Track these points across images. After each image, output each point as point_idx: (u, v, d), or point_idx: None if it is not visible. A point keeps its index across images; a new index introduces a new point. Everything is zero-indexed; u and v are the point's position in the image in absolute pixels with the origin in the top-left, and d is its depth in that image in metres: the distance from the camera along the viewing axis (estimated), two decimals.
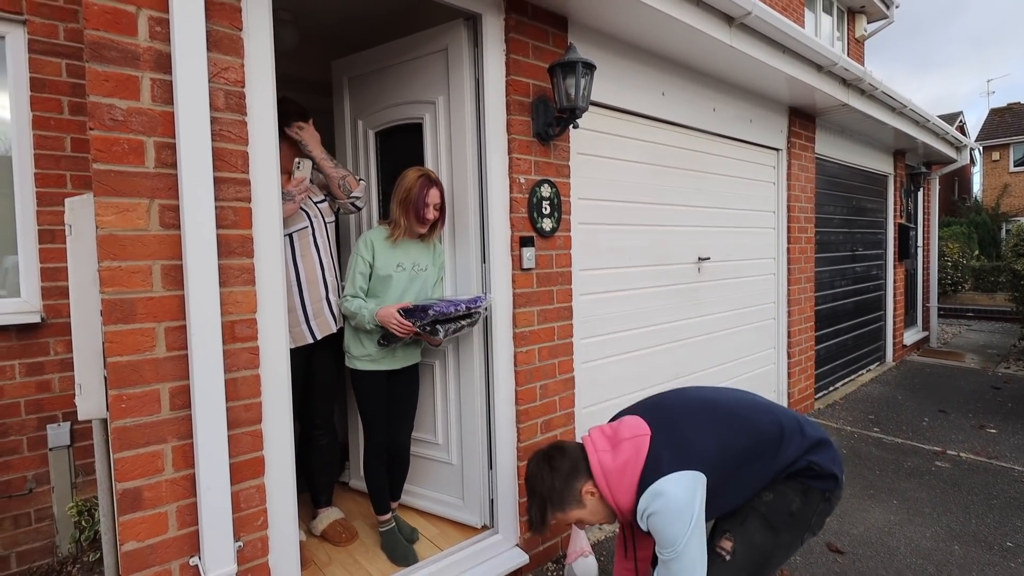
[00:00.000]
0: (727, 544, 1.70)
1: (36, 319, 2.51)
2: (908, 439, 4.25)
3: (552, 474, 1.70)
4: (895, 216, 6.80)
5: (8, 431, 2.51)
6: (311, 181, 2.38)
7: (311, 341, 2.39)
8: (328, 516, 2.62)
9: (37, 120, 2.52)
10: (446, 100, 2.54)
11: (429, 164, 2.62)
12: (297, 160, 2.34)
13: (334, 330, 2.47)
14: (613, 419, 1.86)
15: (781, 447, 1.70)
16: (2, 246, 2.58)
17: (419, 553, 2.44)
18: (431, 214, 2.35)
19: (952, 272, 13.26)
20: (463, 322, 2.28)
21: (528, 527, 1.76)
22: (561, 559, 2.67)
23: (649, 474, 1.60)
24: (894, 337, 6.86)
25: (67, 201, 1.67)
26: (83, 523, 2.53)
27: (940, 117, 6.08)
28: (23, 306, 2.54)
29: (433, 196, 2.34)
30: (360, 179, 2.52)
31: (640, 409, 1.83)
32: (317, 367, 2.51)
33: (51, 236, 2.55)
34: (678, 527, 1.54)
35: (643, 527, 1.61)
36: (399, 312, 2.24)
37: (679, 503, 1.55)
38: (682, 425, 1.70)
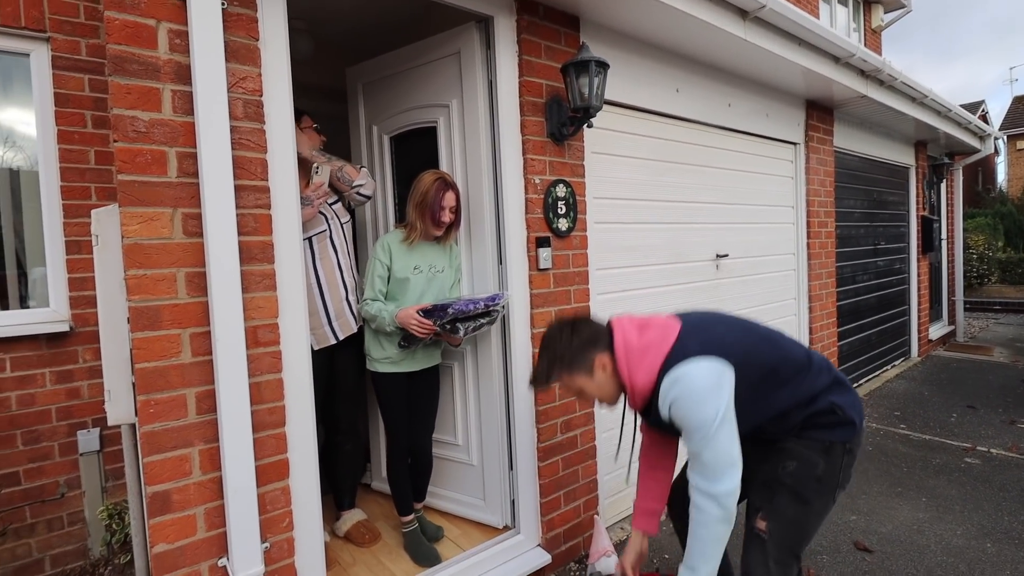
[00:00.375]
0: (762, 524, 1.68)
1: (65, 328, 2.58)
2: (936, 435, 4.17)
3: (572, 336, 1.66)
4: (918, 208, 6.67)
5: (40, 437, 2.58)
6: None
7: (334, 342, 2.43)
8: (351, 517, 2.65)
9: (62, 134, 2.58)
10: (460, 103, 2.55)
11: (444, 167, 2.64)
12: (316, 165, 2.35)
13: (355, 330, 2.51)
14: None
15: (808, 375, 1.66)
16: (31, 258, 2.65)
17: (442, 554, 2.45)
18: (447, 217, 2.37)
19: (978, 265, 12.97)
20: (482, 320, 2.30)
21: (531, 380, 1.75)
22: (583, 559, 2.66)
23: (673, 358, 1.55)
24: (919, 332, 6.72)
25: (93, 212, 1.71)
26: (114, 526, 2.59)
27: (962, 106, 5.95)
28: (52, 315, 2.61)
29: (449, 199, 2.35)
30: (360, 166, 2.53)
31: (673, 312, 1.80)
32: (340, 370, 2.54)
33: (78, 247, 2.62)
34: (706, 411, 1.49)
35: (665, 416, 1.57)
36: (419, 312, 2.25)
37: (705, 386, 1.51)
38: (713, 327, 1.67)
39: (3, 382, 2.48)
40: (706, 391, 1.50)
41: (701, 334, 1.61)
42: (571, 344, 1.65)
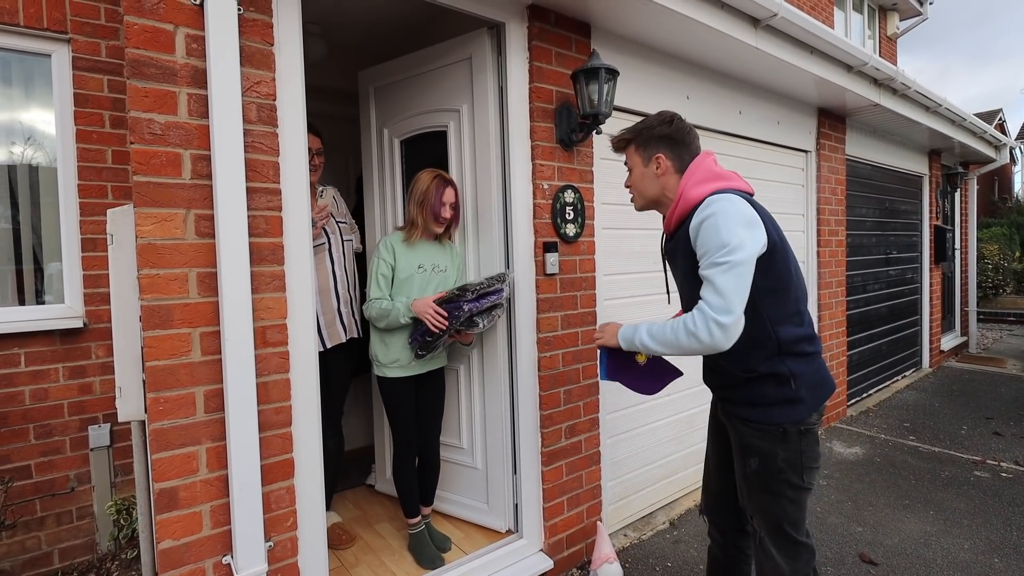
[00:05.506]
0: (753, 520, 1.73)
1: (79, 324, 2.62)
2: (945, 448, 4.12)
3: (664, 125, 1.73)
4: (931, 218, 6.61)
5: (52, 432, 2.62)
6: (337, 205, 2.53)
7: (321, 349, 2.47)
8: (328, 520, 2.64)
9: (80, 134, 2.63)
10: (470, 108, 2.57)
11: (453, 171, 2.66)
12: (321, 188, 2.42)
13: (344, 340, 2.57)
14: None
15: (799, 318, 1.63)
16: (49, 254, 2.70)
17: (445, 558, 2.46)
18: (447, 212, 2.41)
19: (992, 275, 12.80)
20: (496, 311, 2.35)
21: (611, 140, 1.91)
22: (586, 565, 2.66)
23: (729, 192, 1.57)
24: (931, 342, 6.65)
25: (109, 212, 1.74)
26: (122, 521, 2.62)
27: (978, 115, 5.91)
28: (67, 312, 2.65)
29: (449, 195, 2.39)
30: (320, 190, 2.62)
31: None
32: (331, 371, 2.57)
33: (93, 245, 2.66)
34: (730, 235, 1.46)
35: (692, 236, 1.55)
36: (435, 303, 2.29)
37: (739, 218, 1.48)
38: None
39: (17, 376, 2.53)
40: (738, 221, 1.48)
41: (768, 216, 1.61)
42: (654, 129, 1.74)
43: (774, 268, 1.56)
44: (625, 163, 1.86)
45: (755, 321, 1.57)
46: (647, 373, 1.93)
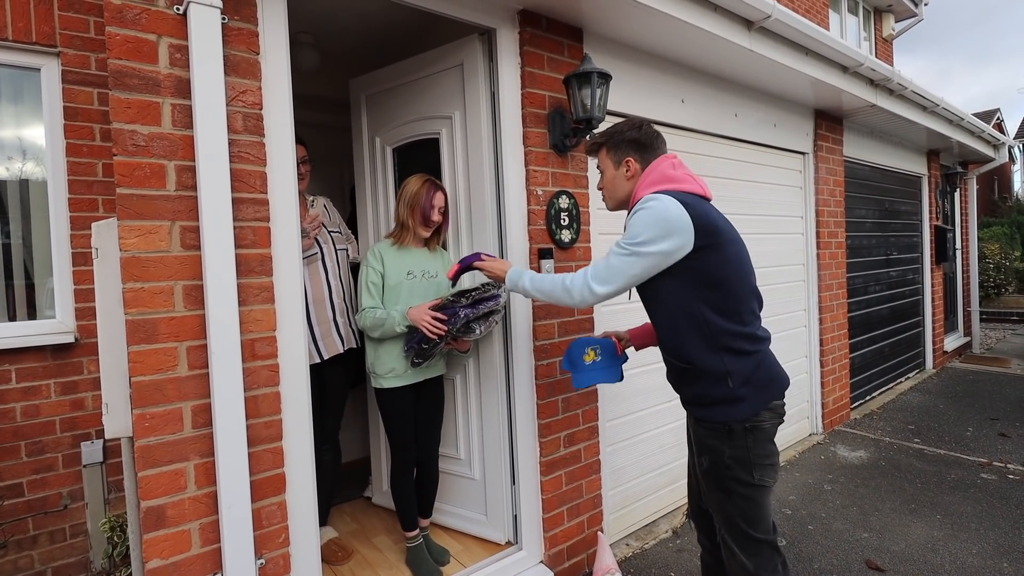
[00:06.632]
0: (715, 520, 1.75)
1: (70, 339, 2.59)
2: (951, 450, 4.07)
3: (633, 130, 1.84)
4: (931, 218, 6.58)
5: (44, 448, 2.58)
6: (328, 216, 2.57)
7: (318, 360, 2.45)
8: (324, 535, 2.62)
9: (70, 147, 2.61)
10: (462, 115, 2.55)
11: (446, 178, 2.63)
12: (311, 198, 2.46)
13: (341, 351, 2.53)
14: None
15: (744, 307, 1.68)
16: (40, 269, 2.67)
17: (443, 571, 2.42)
18: (437, 216, 2.40)
19: (994, 274, 12.76)
20: (493, 317, 2.31)
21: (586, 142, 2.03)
22: None
23: (672, 194, 1.65)
24: (934, 343, 6.60)
25: (94, 225, 1.71)
26: (115, 539, 2.57)
27: (976, 115, 5.90)
28: (58, 327, 2.62)
29: (439, 199, 2.40)
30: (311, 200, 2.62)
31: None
32: (328, 383, 2.55)
33: (84, 259, 2.63)
34: (652, 230, 1.58)
35: (625, 224, 1.69)
36: (431, 310, 2.25)
37: (670, 216, 1.57)
38: (723, 222, 1.70)
39: (8, 393, 2.49)
40: (668, 220, 1.57)
41: (712, 213, 1.68)
42: (625, 134, 1.84)
43: (714, 265, 1.62)
44: (598, 166, 1.94)
45: (691, 311, 1.65)
46: (589, 370, 2.13)
